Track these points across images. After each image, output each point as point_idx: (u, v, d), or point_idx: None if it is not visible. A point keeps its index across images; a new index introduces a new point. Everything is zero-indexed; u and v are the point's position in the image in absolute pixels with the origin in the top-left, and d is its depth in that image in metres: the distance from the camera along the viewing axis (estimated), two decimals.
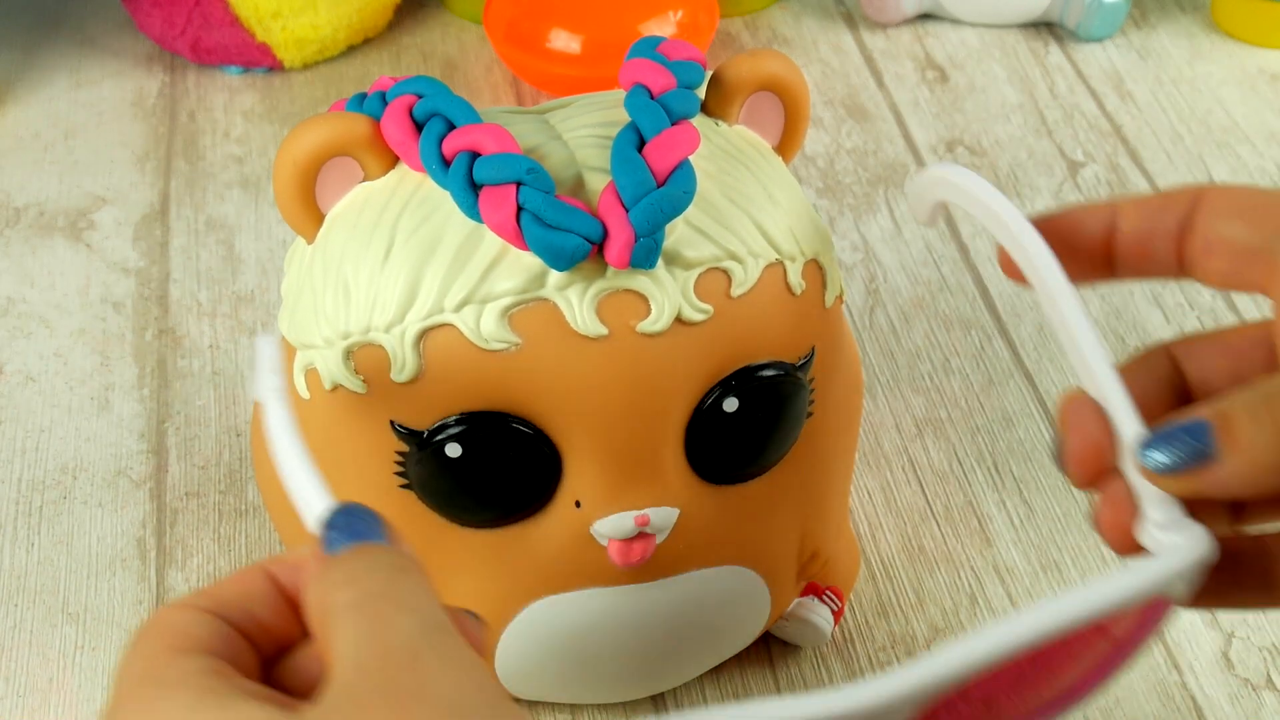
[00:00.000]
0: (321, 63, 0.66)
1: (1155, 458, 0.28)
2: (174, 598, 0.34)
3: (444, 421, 0.33)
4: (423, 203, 0.33)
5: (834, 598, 0.42)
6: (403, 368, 0.33)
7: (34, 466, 0.49)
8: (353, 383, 0.34)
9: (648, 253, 0.32)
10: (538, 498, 0.34)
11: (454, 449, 0.33)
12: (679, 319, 0.33)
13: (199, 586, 0.36)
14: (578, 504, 0.34)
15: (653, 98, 0.34)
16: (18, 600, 0.45)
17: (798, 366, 0.35)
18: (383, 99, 0.34)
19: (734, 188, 0.34)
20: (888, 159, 0.61)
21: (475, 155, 0.32)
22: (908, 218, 0.58)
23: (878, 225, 0.58)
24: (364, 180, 0.34)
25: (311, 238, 0.35)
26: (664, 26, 0.63)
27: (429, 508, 0.35)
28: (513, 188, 0.31)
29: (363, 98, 0.35)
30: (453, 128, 0.33)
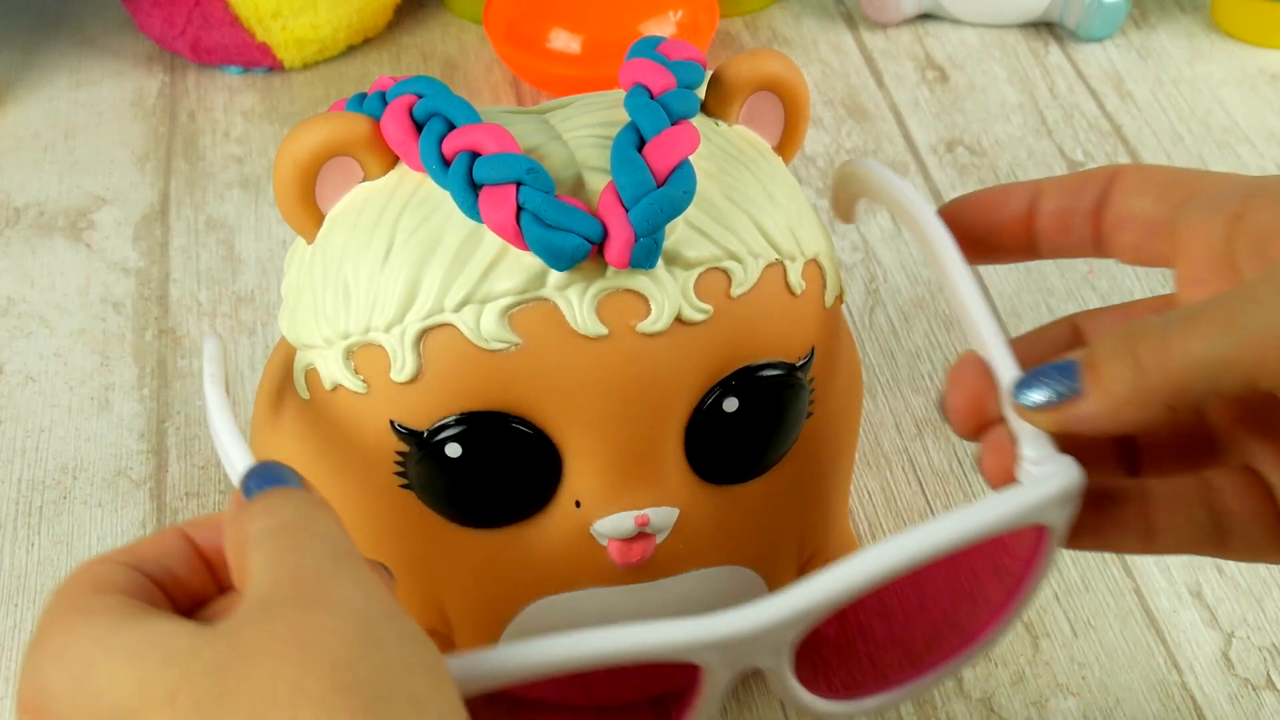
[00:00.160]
0: (321, 63, 0.66)
1: (1028, 395, 0.30)
2: None
3: (444, 421, 0.33)
4: (423, 203, 0.33)
5: None
6: (402, 368, 0.33)
7: (34, 466, 0.49)
8: (353, 383, 0.34)
9: (648, 253, 0.32)
10: (538, 498, 0.34)
11: (454, 449, 0.33)
12: (679, 319, 0.33)
13: None
14: (578, 504, 0.34)
15: (653, 98, 0.34)
16: (18, 600, 0.45)
17: (798, 366, 0.35)
18: (383, 99, 0.34)
19: (734, 188, 0.34)
20: (888, 159, 0.61)
21: (475, 155, 0.32)
22: None
23: (878, 225, 0.58)
24: (364, 180, 0.34)
25: (311, 238, 0.35)
26: (664, 26, 0.63)
27: (429, 508, 0.35)
28: (513, 188, 0.31)
29: (363, 98, 0.35)
30: (453, 128, 0.33)
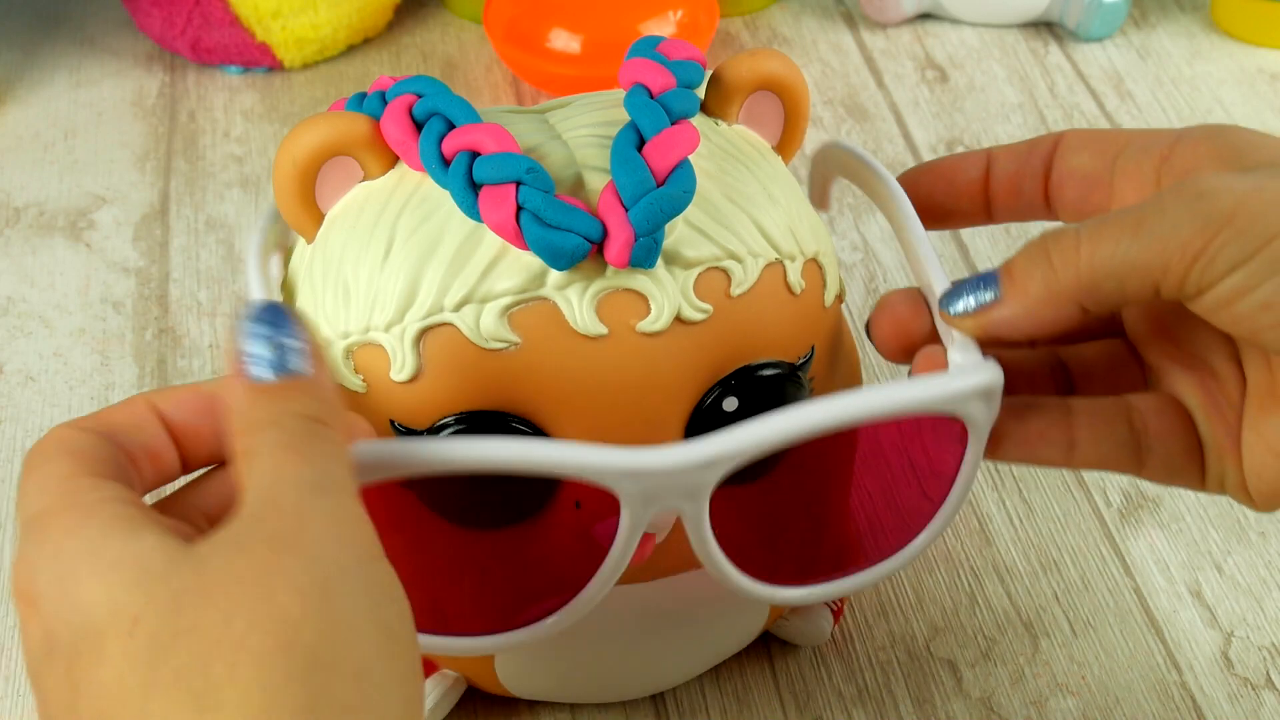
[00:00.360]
0: (321, 62, 0.66)
1: (954, 304, 0.33)
2: None
3: (444, 421, 0.33)
4: (422, 202, 0.33)
5: None
6: (402, 367, 0.33)
7: None
8: (352, 382, 0.34)
9: (647, 252, 0.32)
10: (538, 499, 0.34)
11: None
12: (679, 318, 0.33)
13: None
14: (578, 504, 0.34)
15: (652, 97, 0.34)
16: None
17: (798, 366, 0.35)
18: (382, 99, 0.34)
19: (734, 187, 0.34)
20: (888, 159, 0.61)
21: (475, 155, 0.32)
22: None
23: (878, 225, 0.58)
24: (364, 180, 0.34)
25: (311, 237, 0.35)
26: (664, 26, 0.63)
27: (429, 508, 0.35)
28: (512, 187, 0.31)
29: (362, 97, 0.35)
30: (452, 127, 0.33)
